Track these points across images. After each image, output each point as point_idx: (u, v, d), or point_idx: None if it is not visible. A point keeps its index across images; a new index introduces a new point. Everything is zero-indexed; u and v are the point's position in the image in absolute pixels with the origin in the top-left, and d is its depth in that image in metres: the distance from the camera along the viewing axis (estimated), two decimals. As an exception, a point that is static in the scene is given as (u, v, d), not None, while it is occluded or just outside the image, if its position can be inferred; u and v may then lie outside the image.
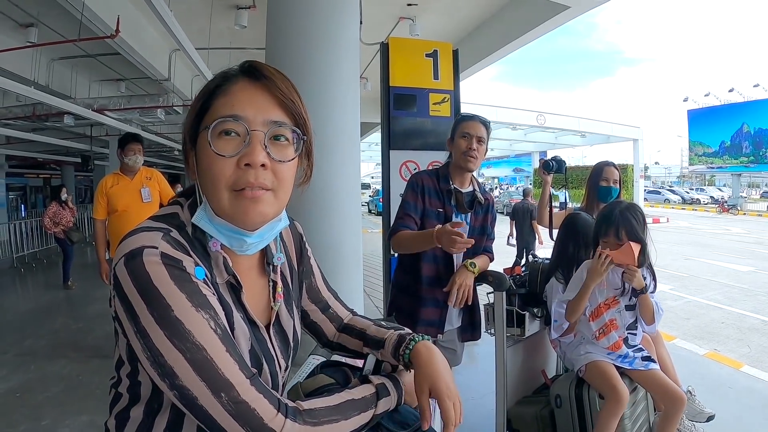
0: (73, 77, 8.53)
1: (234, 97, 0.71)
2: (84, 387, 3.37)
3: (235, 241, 0.73)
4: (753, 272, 8.99)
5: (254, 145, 0.69)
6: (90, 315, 5.53)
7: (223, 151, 0.69)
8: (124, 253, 0.64)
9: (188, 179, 0.78)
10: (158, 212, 0.75)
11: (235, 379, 0.64)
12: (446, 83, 4.02)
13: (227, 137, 0.70)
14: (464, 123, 2.07)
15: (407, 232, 1.98)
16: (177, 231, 0.70)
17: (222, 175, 0.69)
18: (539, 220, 2.77)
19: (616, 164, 2.77)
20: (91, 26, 5.17)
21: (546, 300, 2.28)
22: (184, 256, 0.66)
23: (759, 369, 4.16)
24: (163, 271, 0.63)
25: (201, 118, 0.73)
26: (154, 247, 0.64)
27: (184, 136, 0.75)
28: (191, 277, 0.65)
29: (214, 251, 0.73)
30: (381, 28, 6.68)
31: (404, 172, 3.84)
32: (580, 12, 6.48)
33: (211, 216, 0.72)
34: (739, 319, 5.89)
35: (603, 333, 2.06)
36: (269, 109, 0.72)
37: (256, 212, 0.70)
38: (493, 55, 8.38)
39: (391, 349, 0.86)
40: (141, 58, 6.70)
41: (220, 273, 0.73)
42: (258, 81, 0.73)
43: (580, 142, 30.80)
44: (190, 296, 0.64)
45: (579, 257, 2.22)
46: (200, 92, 0.75)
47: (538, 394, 2.31)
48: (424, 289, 2.04)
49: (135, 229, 0.68)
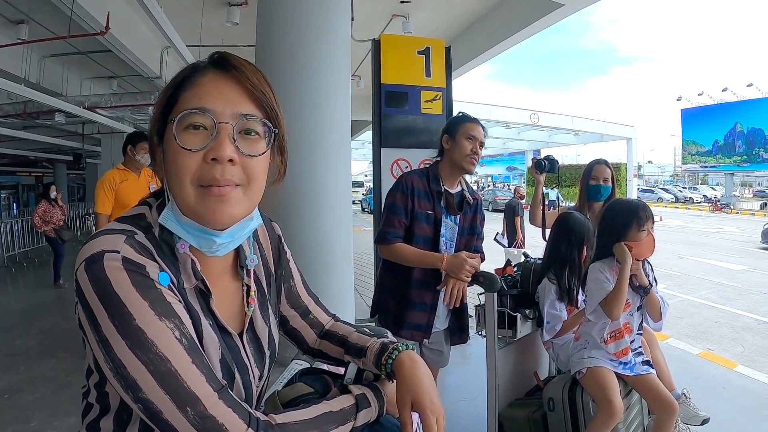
0: (65, 75, 8.44)
1: (202, 89, 0.68)
2: (73, 388, 3.31)
3: (203, 241, 0.68)
4: (746, 271, 9.03)
5: (221, 139, 0.65)
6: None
7: (188, 145, 0.65)
8: (85, 258, 0.60)
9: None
10: (125, 213, 0.71)
11: (202, 392, 0.60)
12: (438, 81, 3.99)
13: (194, 131, 0.66)
14: (469, 125, 2.02)
15: (408, 250, 1.96)
16: (143, 233, 0.66)
17: (187, 169, 0.65)
18: (532, 220, 2.74)
19: (609, 162, 2.74)
20: (81, 23, 5.12)
21: (538, 301, 2.25)
22: (148, 261, 0.62)
23: (753, 369, 4.15)
24: (124, 276, 0.59)
25: (168, 111, 0.69)
26: (115, 251, 0.60)
27: (151, 130, 0.72)
28: (155, 283, 0.61)
29: (182, 253, 0.69)
30: (374, 25, 6.63)
31: (395, 171, 3.81)
32: (573, 10, 6.46)
33: (179, 215, 0.67)
34: (732, 318, 5.90)
35: (614, 337, 2.03)
36: (238, 102, 0.68)
37: (224, 212, 0.66)
38: (486, 53, 8.34)
39: (373, 358, 0.81)
40: (132, 55, 6.64)
41: (188, 278, 0.69)
42: (227, 72, 0.69)
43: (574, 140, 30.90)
44: (153, 304, 0.60)
45: (572, 257, 2.20)
46: (167, 84, 0.71)
47: (530, 397, 2.28)
48: (413, 291, 2.00)
49: (99, 231, 0.64)
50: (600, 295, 1.97)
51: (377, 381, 0.80)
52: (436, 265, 1.93)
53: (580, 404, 1.97)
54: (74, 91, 8.77)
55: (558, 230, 2.28)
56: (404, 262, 1.98)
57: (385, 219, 2.01)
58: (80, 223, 12.81)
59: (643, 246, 1.99)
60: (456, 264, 1.89)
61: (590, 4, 6.18)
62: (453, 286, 1.95)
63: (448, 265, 1.90)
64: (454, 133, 2.02)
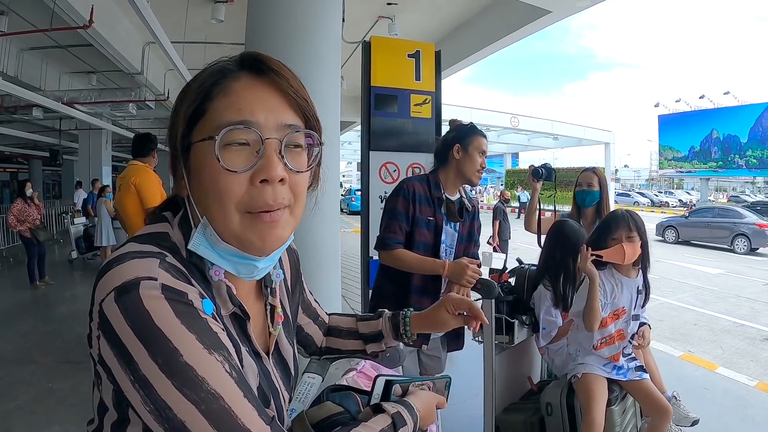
0: (43, 68, 8.23)
1: (238, 97, 0.60)
2: (55, 395, 3.22)
3: (243, 267, 0.63)
4: (722, 274, 9.27)
5: (270, 157, 0.58)
6: (59, 317, 5.32)
7: (233, 166, 0.57)
8: (115, 287, 0.52)
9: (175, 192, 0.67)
10: (144, 231, 0.63)
11: (256, 428, 0.55)
12: (428, 84, 3.98)
13: (236, 148, 0.58)
14: (481, 138, 2.02)
15: (410, 256, 1.95)
16: (171, 255, 0.58)
17: (232, 194, 0.58)
18: (527, 226, 2.76)
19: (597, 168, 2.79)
20: (64, 16, 5.00)
21: (533, 307, 2.26)
22: (189, 287, 0.55)
23: (733, 370, 4.27)
24: (166, 307, 0.52)
25: (194, 123, 0.61)
26: (151, 277, 0.53)
27: (174, 144, 0.63)
28: (199, 312, 0.55)
29: (217, 280, 0.62)
30: (359, 26, 6.60)
31: (384, 174, 3.80)
32: (561, 17, 6.55)
33: (214, 241, 0.60)
34: (711, 321, 6.04)
35: (605, 343, 2.06)
36: (280, 111, 0.61)
37: (273, 238, 0.60)
38: (471, 57, 8.39)
39: (393, 333, 0.96)
40: (114, 50, 6.50)
41: (224, 303, 0.63)
42: (263, 76, 0.62)
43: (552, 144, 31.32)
44: (200, 336, 0.53)
45: (566, 264, 2.21)
46: (192, 92, 0.62)
47: (525, 401, 2.29)
48: (413, 298, 1.99)
49: (122, 253, 0.56)
50: (578, 306, 2.02)
51: (407, 396, 0.79)
52: (437, 271, 1.92)
53: (578, 409, 1.98)
54: (53, 85, 8.55)
55: (553, 237, 2.29)
56: (405, 268, 1.97)
57: (386, 225, 1.99)
58: (57, 222, 12.45)
59: (612, 253, 2.01)
60: (458, 270, 1.88)
61: (578, 11, 6.26)
62: (457, 293, 1.94)
63: (450, 271, 1.89)
64: (467, 145, 2.00)
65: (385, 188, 3.74)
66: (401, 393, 0.79)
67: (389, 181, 3.81)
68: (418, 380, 0.82)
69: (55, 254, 9.47)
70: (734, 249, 12.73)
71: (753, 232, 12.63)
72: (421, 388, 0.81)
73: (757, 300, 7.19)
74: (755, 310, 6.64)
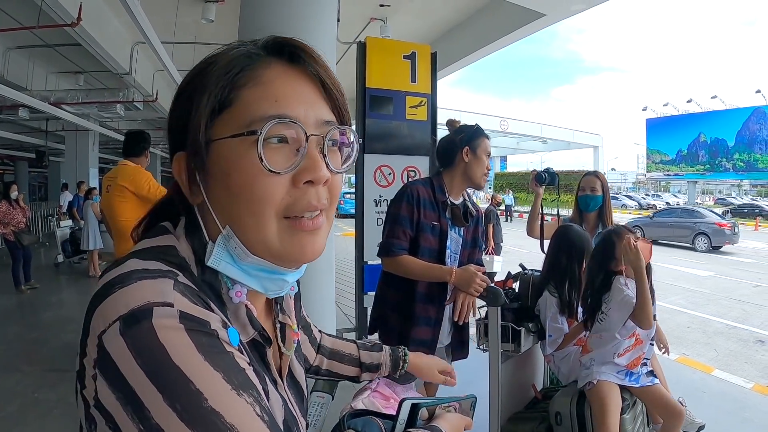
0: (30, 68, 8.08)
1: (274, 87, 0.52)
2: (41, 405, 3.10)
3: (271, 283, 0.55)
4: (713, 277, 9.36)
5: (315, 155, 0.51)
6: (45, 323, 5.18)
7: (274, 165, 0.49)
8: (121, 315, 0.41)
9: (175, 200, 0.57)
10: (144, 245, 0.53)
11: None
12: (423, 86, 3.91)
13: (274, 145, 0.50)
14: (487, 141, 1.98)
15: (415, 262, 1.88)
16: (182, 274, 0.48)
17: (272, 197, 0.50)
18: (529, 231, 2.72)
19: (599, 172, 2.77)
20: (51, 13, 4.90)
21: (539, 314, 2.21)
22: (210, 314, 0.46)
23: (729, 373, 4.28)
24: (186, 339, 0.42)
25: (215, 116, 0.52)
26: (167, 303, 0.43)
27: (190, 142, 0.53)
28: (224, 344, 0.45)
29: (236, 303, 0.53)
30: (351, 28, 6.56)
31: (378, 177, 3.73)
32: (555, 20, 6.56)
33: (240, 255, 0.52)
34: (703, 324, 6.08)
35: (627, 350, 2.01)
36: (318, 105, 0.54)
37: (316, 246, 0.53)
38: (464, 60, 8.41)
39: (390, 369, 0.96)
40: (102, 49, 6.40)
41: (243, 328, 0.54)
42: (297, 65, 0.54)
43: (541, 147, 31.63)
44: (227, 374, 0.43)
45: (572, 270, 2.17)
46: (213, 79, 0.52)
47: (530, 410, 2.24)
48: (418, 306, 1.93)
49: (125, 272, 0.45)
50: (628, 308, 1.94)
51: (434, 420, 0.73)
52: (444, 278, 1.86)
53: (589, 418, 1.94)
54: (39, 85, 8.40)
55: (558, 243, 2.25)
56: (409, 275, 1.91)
57: (389, 230, 1.92)
58: (43, 225, 12.21)
59: (643, 248, 1.97)
60: (466, 277, 1.83)
61: (572, 14, 6.28)
62: (463, 301, 1.89)
63: (458, 279, 1.84)
64: (476, 147, 1.95)
65: (380, 191, 3.68)
66: (427, 416, 0.74)
67: (384, 184, 3.74)
68: (445, 402, 0.77)
69: (41, 258, 9.25)
70: (695, 247, 13.34)
71: (713, 231, 13.40)
72: (447, 409, 0.76)
73: (748, 302, 7.26)
74: (746, 312, 6.69)
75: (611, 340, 2.00)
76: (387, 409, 0.84)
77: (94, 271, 7.58)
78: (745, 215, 23.94)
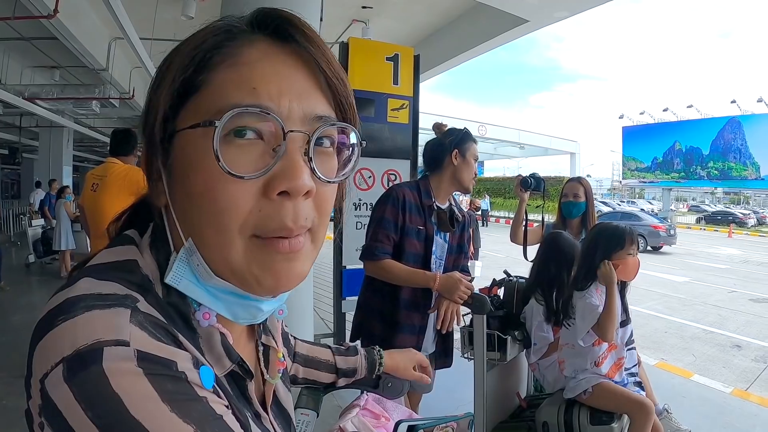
0: (4, 61, 7.82)
1: (252, 70, 0.41)
2: (9, 413, 2.95)
3: (242, 310, 0.45)
4: (688, 282, 9.52)
5: (294, 158, 0.40)
6: (15, 326, 4.96)
7: (238, 168, 0.39)
8: (65, 357, 0.34)
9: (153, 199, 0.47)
10: (101, 259, 0.44)
11: None
12: (406, 89, 3.88)
13: (242, 142, 0.40)
14: (475, 145, 1.98)
15: (398, 267, 1.84)
16: (142, 296, 0.39)
17: (235, 209, 0.40)
18: (513, 238, 2.69)
19: (582, 178, 2.77)
20: (28, 4, 4.75)
21: (524, 322, 2.19)
22: (176, 352, 0.37)
23: (708, 377, 4.34)
24: (146, 387, 0.33)
25: (182, 102, 0.42)
26: (120, 341, 0.34)
27: (149, 129, 0.44)
28: (195, 389, 0.36)
29: (206, 326, 0.44)
30: (332, 29, 6.53)
31: (359, 180, 3.68)
32: (538, 26, 6.62)
33: (203, 274, 0.43)
34: (680, 329, 6.16)
35: (604, 357, 2.00)
36: (310, 95, 0.43)
37: (291, 275, 0.43)
38: (446, 64, 8.44)
39: (366, 373, 0.92)
40: (79, 44, 6.25)
41: (218, 360, 0.45)
42: (286, 44, 0.43)
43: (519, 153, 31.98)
44: (201, 426, 0.34)
45: (560, 278, 2.15)
46: (182, 57, 0.43)
47: (516, 419, 2.22)
48: (402, 313, 1.89)
49: (71, 298, 0.37)
50: (593, 318, 1.93)
51: None
52: (428, 284, 1.82)
53: (577, 427, 1.91)
54: (14, 79, 8.16)
55: (547, 250, 2.23)
56: (392, 280, 1.86)
57: (372, 233, 1.87)
58: (14, 224, 11.83)
59: (629, 267, 2.00)
60: (450, 284, 1.79)
61: (555, 21, 6.34)
62: (446, 309, 1.84)
63: (442, 286, 1.80)
64: (465, 151, 1.93)
65: (359, 195, 3.63)
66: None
67: (364, 187, 3.69)
68: (442, 422, 0.73)
69: (12, 258, 8.93)
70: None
71: (649, 232, 14.51)
72: (445, 430, 0.72)
73: (724, 307, 7.39)
74: (722, 317, 6.82)
75: (581, 348, 2.01)
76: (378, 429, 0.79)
77: (65, 272, 7.35)
78: (719, 222, 24.62)
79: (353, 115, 0.47)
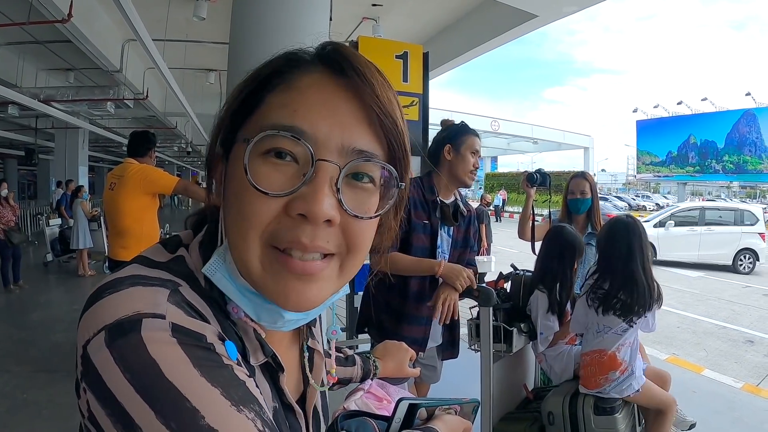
0: (20, 65, 8.00)
1: (301, 95, 0.44)
2: (30, 406, 3.05)
3: (265, 313, 0.47)
4: (702, 277, 9.44)
5: (318, 185, 0.42)
6: (34, 323, 5.12)
7: (266, 184, 0.42)
8: (106, 325, 0.38)
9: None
10: (151, 251, 0.48)
11: None
12: (415, 86, 3.91)
13: (276, 161, 0.43)
14: (473, 138, 1.97)
15: (405, 258, 1.88)
16: (187, 284, 0.44)
17: (257, 219, 0.43)
18: (521, 233, 2.72)
19: (587, 174, 2.77)
20: (42, 9, 4.86)
21: (530, 313, 2.22)
22: (205, 326, 0.41)
23: (719, 372, 4.33)
24: (181, 355, 0.38)
25: (244, 117, 0.47)
26: (158, 315, 0.39)
27: (214, 137, 0.50)
28: (222, 358, 0.40)
29: (236, 318, 0.48)
30: (343, 27, 6.55)
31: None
32: (547, 21, 6.60)
33: (234, 272, 0.46)
34: (693, 324, 6.13)
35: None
36: (353, 128, 0.45)
37: (302, 296, 0.45)
38: (456, 60, 8.45)
39: (360, 379, 0.94)
40: (93, 46, 6.37)
41: (254, 351, 0.49)
42: (342, 77, 0.45)
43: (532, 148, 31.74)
44: (226, 389, 0.38)
45: (564, 272, 2.17)
46: (248, 77, 0.48)
47: (522, 410, 2.25)
48: (410, 305, 1.93)
49: (119, 277, 0.42)
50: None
51: (431, 421, 0.71)
52: (432, 270, 1.85)
53: (581, 418, 1.94)
54: (29, 82, 8.32)
55: (550, 244, 2.25)
56: (399, 271, 1.90)
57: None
58: (32, 224, 12.08)
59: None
60: (454, 270, 1.83)
61: (564, 16, 6.31)
62: (444, 302, 1.86)
63: (446, 270, 1.83)
64: (459, 145, 1.95)
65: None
66: (426, 417, 0.72)
67: (373, 184, 3.74)
68: (445, 403, 0.74)
69: (30, 257, 9.12)
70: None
71: None
72: (448, 411, 0.74)
73: (738, 302, 7.33)
74: (736, 312, 6.76)
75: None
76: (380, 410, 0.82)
77: (83, 271, 7.50)
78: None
79: (403, 157, 0.49)
